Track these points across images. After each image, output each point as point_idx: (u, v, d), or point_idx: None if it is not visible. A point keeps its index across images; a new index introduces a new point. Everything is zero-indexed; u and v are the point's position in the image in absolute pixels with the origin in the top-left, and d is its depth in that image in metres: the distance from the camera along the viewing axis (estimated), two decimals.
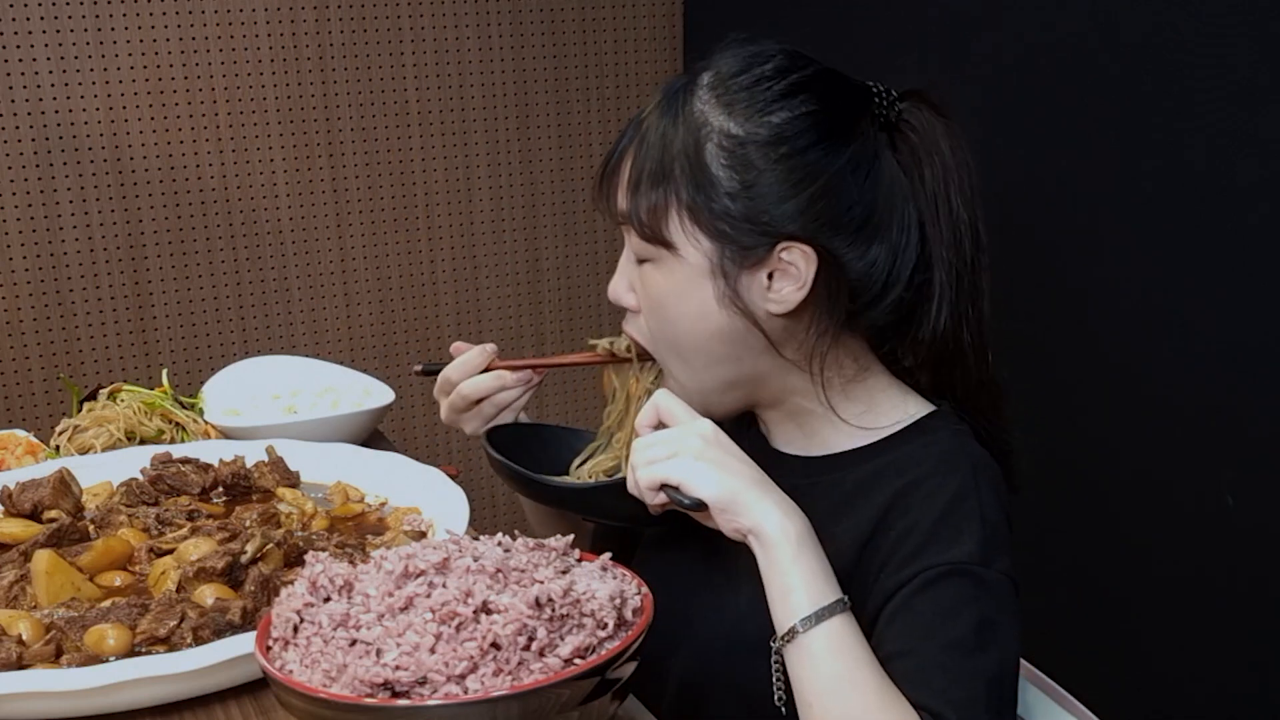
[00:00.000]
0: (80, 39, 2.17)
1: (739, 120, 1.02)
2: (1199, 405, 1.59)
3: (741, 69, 1.05)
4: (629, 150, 1.07)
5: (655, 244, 1.05)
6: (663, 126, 1.05)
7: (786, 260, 1.02)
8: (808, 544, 0.94)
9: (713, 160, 1.02)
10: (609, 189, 1.09)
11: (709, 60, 1.08)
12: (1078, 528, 1.79)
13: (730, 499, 0.94)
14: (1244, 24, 1.47)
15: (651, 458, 0.97)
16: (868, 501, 1.04)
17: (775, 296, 1.03)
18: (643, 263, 1.07)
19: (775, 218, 1.01)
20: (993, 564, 0.97)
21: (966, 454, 1.04)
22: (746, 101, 1.03)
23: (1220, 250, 1.54)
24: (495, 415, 1.25)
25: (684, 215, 1.03)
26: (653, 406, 1.01)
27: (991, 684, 0.94)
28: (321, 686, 0.81)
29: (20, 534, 1.21)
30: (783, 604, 0.93)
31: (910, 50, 1.98)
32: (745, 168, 1.02)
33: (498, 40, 2.50)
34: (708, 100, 1.04)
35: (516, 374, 1.24)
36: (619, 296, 1.12)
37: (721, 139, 1.02)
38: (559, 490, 1.14)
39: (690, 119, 1.04)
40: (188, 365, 2.35)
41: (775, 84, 1.04)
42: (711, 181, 1.02)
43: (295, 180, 2.39)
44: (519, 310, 2.65)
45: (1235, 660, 1.59)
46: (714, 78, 1.05)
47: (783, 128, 1.02)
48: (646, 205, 1.04)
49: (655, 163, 1.04)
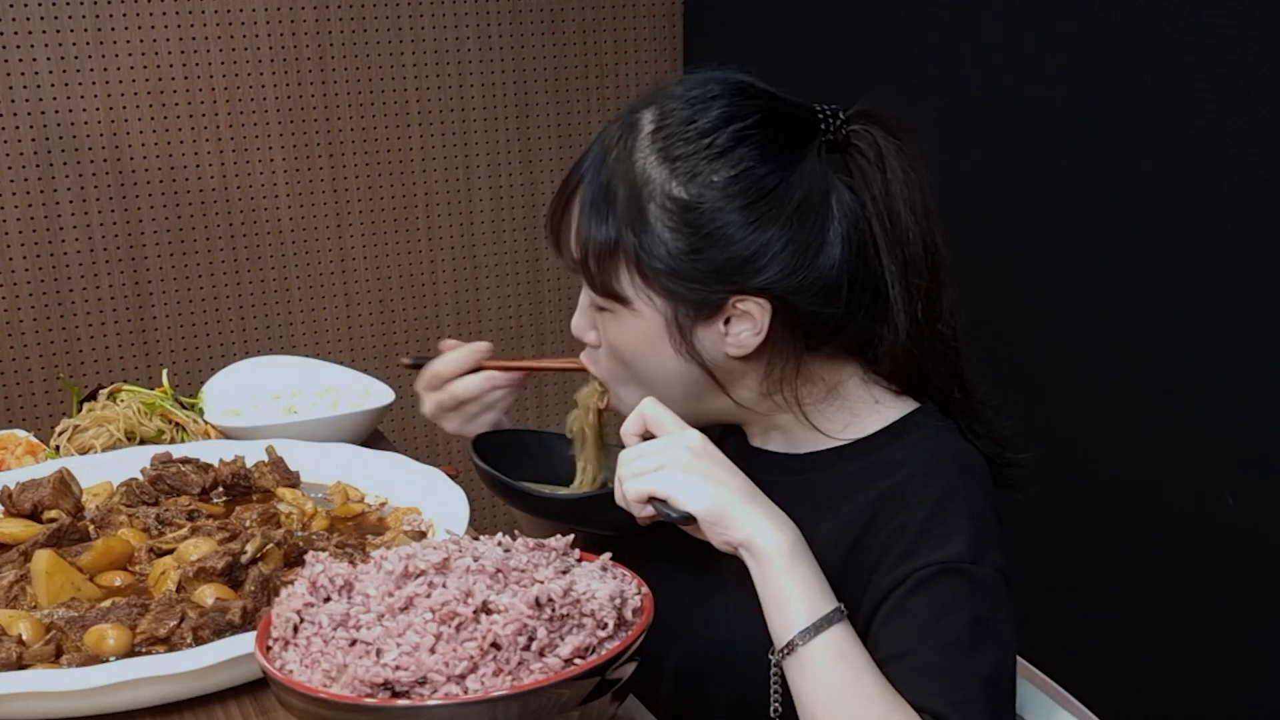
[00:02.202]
0: (80, 39, 2.17)
1: (682, 181, 1.00)
2: (1199, 405, 1.59)
3: (685, 118, 1.02)
4: (577, 196, 1.06)
5: (609, 298, 1.04)
6: (607, 179, 1.03)
7: (742, 309, 1.02)
8: (800, 555, 0.93)
9: (656, 221, 1.01)
10: (560, 233, 1.08)
11: (653, 96, 1.05)
12: (1078, 527, 1.79)
13: (720, 513, 0.94)
14: (1244, 24, 1.47)
15: (639, 470, 0.96)
16: (853, 501, 1.04)
17: (733, 342, 1.03)
18: (600, 309, 1.06)
19: (725, 274, 1.00)
20: (983, 561, 0.97)
21: (952, 451, 1.04)
22: (689, 159, 1.00)
23: (1220, 250, 1.54)
24: (479, 414, 1.25)
25: (634, 272, 1.02)
26: (639, 416, 1.00)
27: (989, 682, 0.94)
28: (321, 686, 0.81)
29: (20, 534, 1.21)
30: (779, 617, 0.93)
31: (910, 50, 1.98)
32: (690, 230, 1.00)
33: (498, 40, 2.50)
34: (649, 153, 1.02)
35: (508, 375, 1.24)
36: (582, 334, 1.11)
37: (665, 200, 1.00)
38: (546, 501, 1.12)
39: (633, 175, 1.01)
40: (188, 365, 2.35)
41: (718, 137, 1.00)
42: (657, 243, 1.01)
43: (295, 180, 2.39)
44: (519, 310, 2.65)
45: (1235, 660, 1.59)
46: (655, 123, 1.03)
47: (727, 188, 1.00)
48: (595, 260, 1.03)
49: (599, 217, 1.03)
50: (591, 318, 1.09)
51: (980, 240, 1.87)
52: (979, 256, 1.87)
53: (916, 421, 1.07)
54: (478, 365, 1.24)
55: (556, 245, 1.09)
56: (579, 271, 1.06)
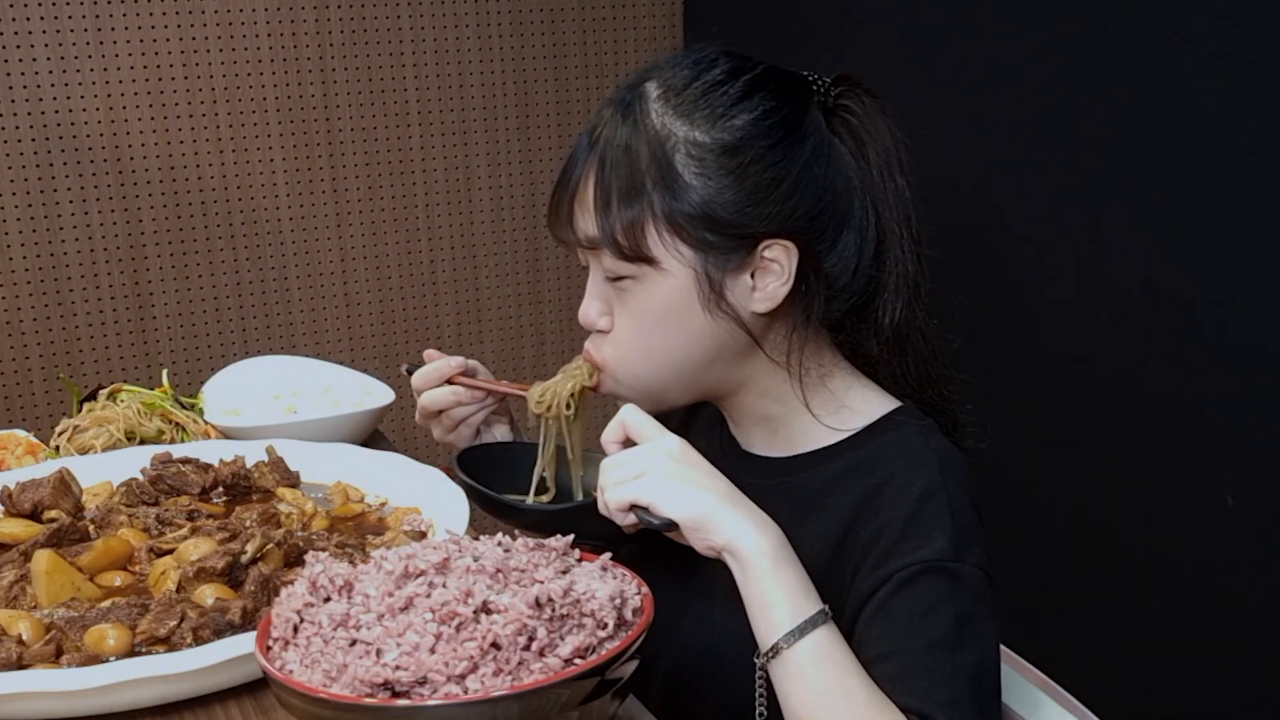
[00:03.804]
0: (80, 39, 2.17)
1: (703, 128, 1.02)
2: (1199, 405, 1.59)
3: (690, 78, 1.04)
4: (588, 172, 1.05)
5: (636, 261, 1.04)
6: (623, 142, 1.03)
7: (769, 258, 1.03)
8: (784, 558, 0.94)
9: (684, 170, 1.02)
10: (568, 215, 1.07)
11: (648, 72, 1.07)
12: (1078, 527, 1.79)
13: (702, 518, 0.94)
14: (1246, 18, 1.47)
15: (619, 478, 0.96)
16: (836, 502, 1.04)
17: (760, 295, 1.04)
18: (619, 280, 1.06)
19: (754, 218, 1.02)
20: (965, 559, 0.97)
21: (932, 449, 1.04)
22: (706, 108, 1.03)
23: (1221, 249, 1.54)
24: (455, 428, 1.26)
25: (662, 229, 1.02)
26: (619, 423, 1.00)
27: (973, 680, 0.94)
28: (321, 686, 0.81)
29: (20, 534, 1.21)
30: (764, 620, 0.93)
31: (910, 47, 1.98)
32: (719, 173, 1.02)
33: (498, 40, 2.50)
34: (664, 112, 1.03)
35: (471, 393, 1.24)
36: (592, 320, 1.10)
37: (690, 148, 1.02)
38: (530, 513, 1.12)
39: (651, 132, 1.03)
40: (188, 365, 2.35)
41: (730, 86, 1.03)
42: (687, 191, 1.01)
43: (295, 180, 2.39)
44: (519, 310, 2.65)
45: (1235, 660, 1.59)
46: (662, 89, 1.04)
47: (748, 129, 1.02)
48: (622, 224, 1.03)
49: (624, 180, 1.03)
50: (604, 301, 1.09)
51: (981, 241, 1.87)
52: (979, 256, 1.87)
53: (897, 421, 1.08)
54: (449, 379, 1.25)
55: (566, 228, 1.08)
56: (599, 247, 1.05)
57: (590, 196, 1.05)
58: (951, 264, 1.19)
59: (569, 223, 1.08)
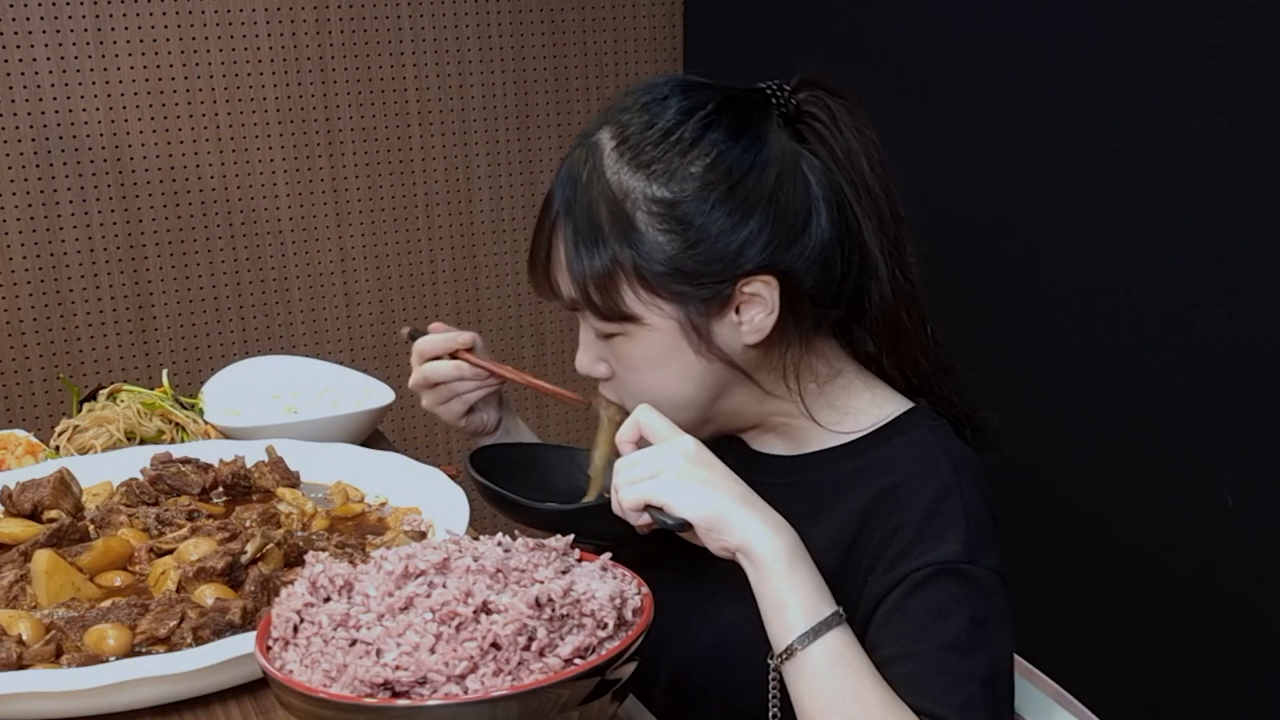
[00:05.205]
0: (80, 39, 2.17)
1: (660, 182, 1.00)
2: (1199, 405, 1.59)
3: (644, 124, 1.02)
4: (557, 235, 1.05)
5: (618, 320, 1.03)
6: (584, 204, 1.02)
7: (750, 293, 1.02)
8: (799, 559, 0.93)
9: (647, 228, 1.00)
10: (547, 276, 1.07)
11: (603, 117, 1.05)
12: (1078, 527, 1.79)
13: (716, 518, 0.93)
14: (1241, 23, 1.47)
15: (633, 478, 0.96)
16: (848, 502, 1.04)
17: (748, 328, 1.03)
18: (609, 336, 1.06)
19: (726, 263, 1.00)
20: (979, 561, 0.97)
21: (946, 451, 1.04)
22: (661, 159, 1.01)
23: (1221, 249, 1.54)
24: (448, 400, 1.27)
25: (637, 286, 1.02)
26: (634, 423, 1.00)
27: (987, 683, 0.94)
28: (321, 686, 0.81)
29: (20, 534, 1.21)
30: (778, 621, 0.92)
31: (911, 46, 1.98)
32: (683, 226, 1.00)
33: (498, 40, 2.50)
34: (619, 168, 1.02)
35: (475, 371, 1.25)
36: (590, 370, 1.10)
37: (649, 205, 1.00)
38: (543, 513, 1.12)
39: (609, 192, 1.01)
40: (188, 365, 2.35)
41: (684, 130, 1.01)
42: (653, 249, 1.00)
43: (295, 180, 2.39)
44: (519, 310, 2.65)
45: (1235, 660, 1.59)
46: (616, 140, 1.03)
47: (706, 176, 1.00)
48: (595, 286, 1.02)
49: (589, 244, 1.02)
50: (597, 351, 1.09)
51: (981, 241, 1.87)
52: (979, 256, 1.87)
53: (911, 421, 1.08)
54: (454, 353, 1.25)
55: (547, 290, 1.08)
56: (579, 308, 1.05)
57: (563, 259, 1.04)
58: (952, 265, 1.19)
59: (548, 285, 1.07)
